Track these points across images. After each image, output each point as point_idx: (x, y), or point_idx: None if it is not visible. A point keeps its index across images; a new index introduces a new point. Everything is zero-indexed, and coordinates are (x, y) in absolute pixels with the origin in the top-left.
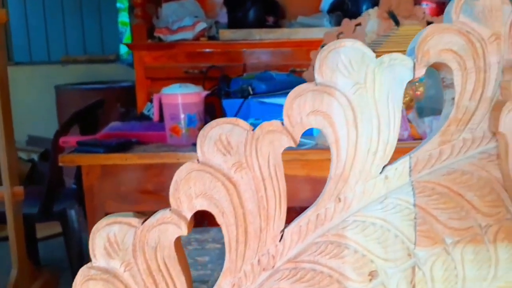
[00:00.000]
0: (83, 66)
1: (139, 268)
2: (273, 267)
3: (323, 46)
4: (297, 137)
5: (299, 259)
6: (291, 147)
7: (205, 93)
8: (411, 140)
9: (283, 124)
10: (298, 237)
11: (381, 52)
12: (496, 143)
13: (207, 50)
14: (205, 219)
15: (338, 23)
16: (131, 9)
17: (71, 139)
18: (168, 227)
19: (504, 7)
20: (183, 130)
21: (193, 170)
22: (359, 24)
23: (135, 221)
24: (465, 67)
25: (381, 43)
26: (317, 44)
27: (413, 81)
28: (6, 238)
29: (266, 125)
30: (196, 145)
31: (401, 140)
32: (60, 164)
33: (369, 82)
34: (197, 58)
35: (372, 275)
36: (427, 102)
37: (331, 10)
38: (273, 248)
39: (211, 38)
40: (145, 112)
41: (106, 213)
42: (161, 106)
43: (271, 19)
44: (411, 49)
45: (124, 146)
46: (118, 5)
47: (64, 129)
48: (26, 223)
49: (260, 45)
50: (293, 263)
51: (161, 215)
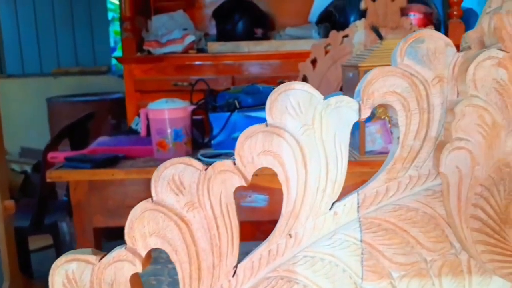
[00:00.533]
0: (75, 78)
1: None
2: None
3: (311, 59)
4: (249, 176)
5: None
6: None
7: (192, 107)
8: None
9: (235, 163)
10: (250, 272)
11: (364, 66)
12: (441, 180)
13: (196, 62)
14: None
15: (326, 35)
16: (122, 20)
17: (59, 155)
18: (124, 264)
19: (448, 49)
20: (170, 145)
21: (147, 209)
22: (346, 36)
23: (92, 258)
24: (409, 108)
25: (364, 58)
26: (305, 56)
27: None
28: None
29: (218, 165)
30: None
31: (386, 153)
32: (48, 180)
33: (316, 123)
34: (186, 70)
35: None
36: None
37: (320, 21)
38: (226, 283)
39: (200, 50)
40: (133, 126)
41: (94, 227)
42: (148, 120)
43: (259, 31)
44: (358, 91)
45: (111, 161)
46: (112, 14)
47: (53, 143)
48: (18, 236)
49: (248, 57)
50: None
51: (116, 252)
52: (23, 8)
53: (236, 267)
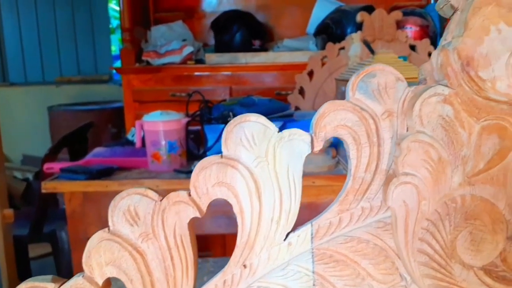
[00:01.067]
0: (77, 86)
1: None
2: None
3: (308, 71)
4: (204, 207)
5: None
6: None
7: (186, 119)
8: None
9: (190, 194)
10: None
11: None
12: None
13: (194, 73)
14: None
15: (323, 46)
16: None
17: (55, 165)
18: None
19: (399, 84)
20: (164, 157)
21: (103, 239)
22: (343, 48)
23: (51, 286)
24: (359, 142)
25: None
26: (302, 68)
27: None
28: None
29: (173, 196)
30: (177, 172)
31: None
32: (43, 191)
33: (270, 156)
34: (184, 81)
35: None
36: None
37: (317, 33)
38: None
39: (199, 61)
40: (129, 137)
41: (88, 238)
42: (143, 132)
43: (257, 43)
44: (311, 124)
45: (105, 172)
46: (117, 22)
47: (52, 153)
48: (17, 244)
49: (246, 68)
50: None
51: (74, 281)
52: (25, 17)
53: None
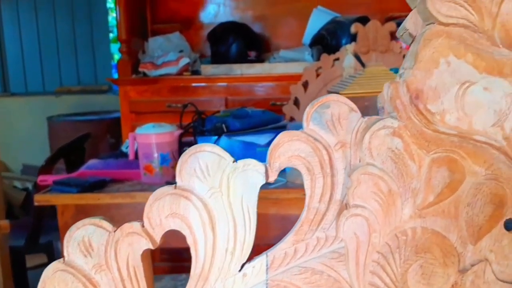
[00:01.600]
0: (76, 96)
1: None
2: None
3: (303, 81)
4: (157, 238)
5: None
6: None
7: (179, 132)
8: None
9: (143, 225)
10: None
11: (345, 94)
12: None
13: (190, 84)
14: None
15: (319, 57)
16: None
17: (48, 178)
18: None
19: (352, 115)
20: (157, 169)
21: (58, 269)
22: (337, 59)
23: None
24: (313, 172)
25: (347, 85)
26: (297, 78)
27: None
28: None
29: (126, 227)
30: (168, 183)
31: None
32: (36, 204)
33: (224, 186)
34: (180, 92)
35: None
36: None
37: (312, 44)
38: None
39: (195, 72)
40: (124, 149)
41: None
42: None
43: (253, 54)
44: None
45: (98, 185)
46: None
47: (48, 165)
48: (14, 255)
49: (241, 79)
50: None
51: None
52: (27, 29)
53: None
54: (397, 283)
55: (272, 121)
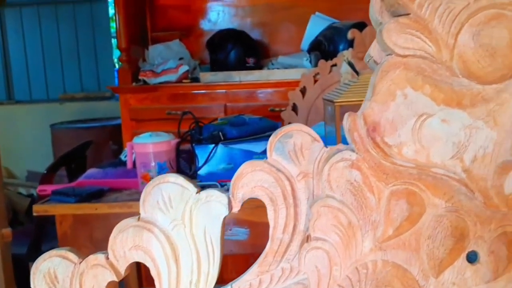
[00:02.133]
0: (80, 103)
1: None
2: None
3: (301, 87)
4: (122, 270)
5: None
6: None
7: (176, 141)
8: None
9: (108, 258)
10: None
11: (339, 102)
12: None
13: (189, 92)
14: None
15: (317, 63)
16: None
17: (47, 188)
18: None
19: (315, 145)
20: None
21: None
22: (335, 65)
23: None
24: (276, 203)
25: (341, 93)
26: (295, 85)
27: None
28: None
29: (91, 259)
30: None
31: None
32: (34, 214)
33: (186, 218)
34: (179, 99)
35: None
36: None
37: (310, 50)
38: None
39: (194, 79)
40: (122, 158)
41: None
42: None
43: (251, 60)
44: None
45: (95, 195)
46: None
47: (49, 173)
48: (17, 263)
49: (240, 86)
50: None
51: None
52: (30, 37)
53: None
54: None
55: (269, 129)
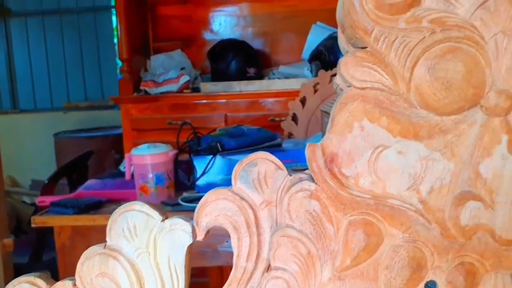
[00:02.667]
0: (84, 112)
1: None
2: None
3: (301, 97)
4: None
5: None
6: None
7: (174, 152)
8: None
9: (75, 284)
10: None
11: None
12: None
13: (190, 102)
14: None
15: (317, 73)
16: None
17: (46, 199)
18: None
19: (278, 173)
20: (152, 189)
21: None
22: (335, 75)
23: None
24: (240, 231)
25: None
26: (295, 94)
27: None
28: None
29: (59, 285)
30: (164, 204)
31: None
32: (33, 225)
33: (151, 247)
34: (180, 109)
35: None
36: None
37: (311, 60)
38: None
39: (195, 89)
40: (121, 168)
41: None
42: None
43: (252, 70)
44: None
45: (93, 206)
46: None
47: (50, 183)
48: (18, 272)
49: (240, 96)
50: None
51: None
52: (35, 47)
53: None
54: None
55: (268, 139)
